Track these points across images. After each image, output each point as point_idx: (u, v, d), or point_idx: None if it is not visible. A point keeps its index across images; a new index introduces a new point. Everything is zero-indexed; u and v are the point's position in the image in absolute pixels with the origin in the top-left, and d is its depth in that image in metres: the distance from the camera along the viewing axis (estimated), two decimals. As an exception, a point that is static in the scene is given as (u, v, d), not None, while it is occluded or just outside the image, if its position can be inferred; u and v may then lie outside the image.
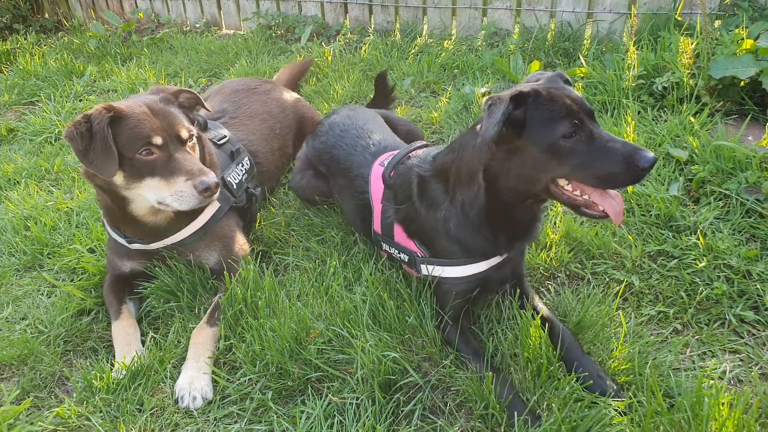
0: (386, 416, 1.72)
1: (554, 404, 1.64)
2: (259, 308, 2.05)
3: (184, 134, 2.08)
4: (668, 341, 1.93)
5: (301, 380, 1.85)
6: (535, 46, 4.05)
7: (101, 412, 1.82)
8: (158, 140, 1.98)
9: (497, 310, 2.07)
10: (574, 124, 1.59)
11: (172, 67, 4.92)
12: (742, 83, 2.93)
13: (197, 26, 5.97)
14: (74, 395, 1.92)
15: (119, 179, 1.99)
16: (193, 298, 2.25)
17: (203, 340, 2.00)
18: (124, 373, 1.92)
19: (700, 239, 2.24)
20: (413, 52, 4.41)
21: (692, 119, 2.88)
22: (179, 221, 2.20)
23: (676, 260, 2.21)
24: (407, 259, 2.05)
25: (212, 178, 1.99)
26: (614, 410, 1.64)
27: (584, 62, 3.56)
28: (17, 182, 3.37)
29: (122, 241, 2.21)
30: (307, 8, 5.28)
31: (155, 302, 2.26)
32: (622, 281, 2.17)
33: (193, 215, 2.22)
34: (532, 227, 1.90)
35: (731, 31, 3.15)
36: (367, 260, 2.29)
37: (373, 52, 4.40)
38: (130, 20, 6.11)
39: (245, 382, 1.88)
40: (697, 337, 1.95)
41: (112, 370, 1.95)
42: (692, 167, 2.60)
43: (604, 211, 1.67)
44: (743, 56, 2.88)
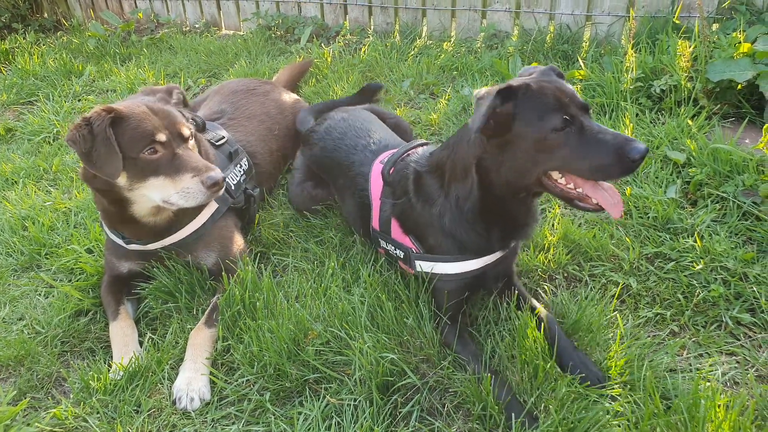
0: (384, 418, 1.72)
1: (551, 406, 1.65)
2: (257, 309, 2.05)
3: (185, 132, 2.08)
4: (665, 343, 1.94)
5: (298, 381, 1.85)
6: (534, 48, 4.06)
7: (98, 413, 1.82)
8: (162, 137, 1.98)
9: (494, 311, 2.07)
10: (564, 117, 1.60)
11: (171, 67, 4.91)
12: (739, 86, 2.94)
13: (197, 26, 5.96)
14: (71, 396, 1.92)
15: (122, 180, 1.99)
16: (191, 298, 2.25)
17: (201, 341, 2.00)
18: (121, 374, 1.92)
19: (697, 242, 2.25)
20: (412, 53, 4.41)
21: (690, 122, 2.89)
22: (178, 222, 2.20)
23: (673, 262, 2.22)
24: (403, 255, 2.06)
25: (219, 173, 2.00)
26: (611, 412, 1.65)
27: (583, 65, 3.57)
28: (15, 182, 3.37)
29: (120, 241, 2.21)
30: (306, 9, 5.28)
31: (153, 303, 2.26)
32: (619, 283, 2.18)
33: (191, 216, 2.22)
34: (526, 224, 1.91)
35: (729, 34, 3.16)
36: (365, 262, 2.30)
37: (372, 53, 4.40)
38: (129, 20, 6.10)
39: (243, 383, 1.88)
40: (693, 339, 1.96)
41: (109, 371, 1.95)
42: (690, 170, 2.60)
43: (597, 203, 1.67)
44: (741, 59, 2.90)
